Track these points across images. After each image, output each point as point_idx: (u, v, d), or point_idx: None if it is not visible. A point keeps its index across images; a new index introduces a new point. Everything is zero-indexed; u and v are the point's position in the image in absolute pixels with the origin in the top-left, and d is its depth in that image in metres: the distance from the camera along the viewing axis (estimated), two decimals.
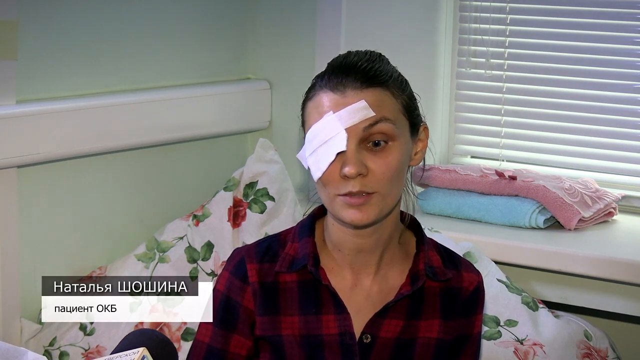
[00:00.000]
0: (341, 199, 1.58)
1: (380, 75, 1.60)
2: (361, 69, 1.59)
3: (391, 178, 1.58)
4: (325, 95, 1.59)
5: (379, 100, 1.58)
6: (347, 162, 1.55)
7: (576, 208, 2.36)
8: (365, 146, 1.58)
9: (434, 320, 1.68)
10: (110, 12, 2.42)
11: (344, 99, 1.57)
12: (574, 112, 2.61)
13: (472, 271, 1.73)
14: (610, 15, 2.53)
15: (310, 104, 1.62)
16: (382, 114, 1.57)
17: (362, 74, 1.59)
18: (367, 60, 1.61)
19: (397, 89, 1.61)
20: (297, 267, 1.66)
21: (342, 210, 1.58)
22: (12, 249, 2.24)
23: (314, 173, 1.59)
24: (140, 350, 1.42)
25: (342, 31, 2.63)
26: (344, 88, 1.58)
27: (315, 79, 1.64)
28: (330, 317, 1.65)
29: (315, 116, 1.59)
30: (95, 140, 2.35)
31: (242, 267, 1.68)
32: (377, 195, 1.58)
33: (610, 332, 2.32)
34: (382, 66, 1.62)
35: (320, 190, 1.61)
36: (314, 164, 1.59)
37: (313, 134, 1.58)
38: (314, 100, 1.61)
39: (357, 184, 1.56)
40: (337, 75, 1.59)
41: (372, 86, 1.58)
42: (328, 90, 1.59)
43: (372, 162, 1.57)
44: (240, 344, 1.68)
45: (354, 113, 1.56)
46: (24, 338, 2.27)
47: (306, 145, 1.61)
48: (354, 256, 1.66)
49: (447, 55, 2.77)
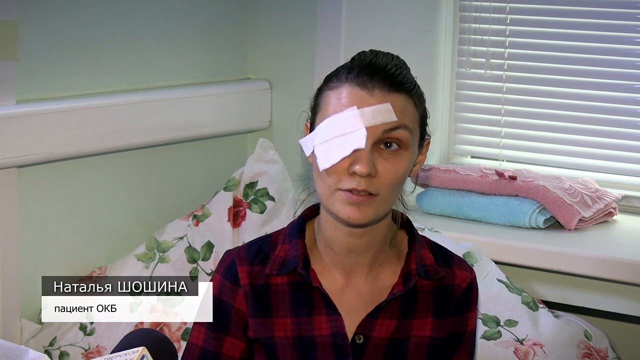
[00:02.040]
0: (341, 194, 1.57)
1: (407, 82, 1.61)
2: (390, 73, 1.59)
3: (395, 184, 1.59)
4: (353, 89, 1.58)
5: (402, 107, 1.59)
6: (360, 160, 1.55)
7: (576, 208, 2.36)
8: (378, 148, 1.57)
9: (427, 319, 1.68)
10: (111, 12, 2.42)
11: (370, 98, 1.57)
12: (574, 112, 2.61)
13: (464, 268, 1.73)
14: (610, 15, 2.53)
15: (331, 93, 1.60)
16: (404, 121, 1.58)
17: (390, 78, 1.59)
18: (396, 65, 1.61)
19: (417, 100, 1.63)
20: (287, 269, 1.66)
21: (340, 205, 1.58)
22: (12, 249, 2.24)
23: (321, 163, 1.58)
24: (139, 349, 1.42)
25: (342, 31, 2.63)
26: (372, 87, 1.58)
27: (341, 69, 1.62)
28: (322, 319, 1.65)
29: (336, 107, 1.58)
30: (95, 140, 2.35)
31: (233, 270, 1.68)
32: (379, 198, 1.58)
33: (610, 332, 2.32)
34: (408, 74, 1.63)
35: (319, 181, 1.60)
36: (323, 153, 1.57)
37: (330, 124, 1.57)
38: (337, 90, 1.60)
39: (364, 183, 1.56)
40: (367, 73, 1.59)
41: (398, 91, 1.59)
42: (355, 85, 1.58)
43: (381, 165, 1.57)
44: (233, 346, 1.68)
45: (378, 114, 1.56)
46: (24, 338, 2.27)
47: (318, 132, 1.59)
48: (346, 256, 1.66)
49: (447, 55, 2.77)
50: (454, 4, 2.74)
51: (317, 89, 1.65)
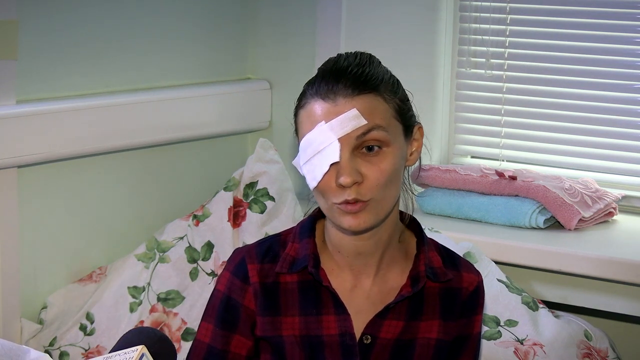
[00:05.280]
0: (338, 207, 1.57)
1: (371, 80, 1.58)
2: (351, 75, 1.57)
3: (385, 184, 1.57)
4: (317, 104, 1.57)
5: (370, 108, 1.56)
6: (342, 171, 1.54)
7: (576, 208, 2.36)
8: (359, 152, 1.56)
9: (434, 321, 1.68)
10: (111, 12, 2.42)
11: (335, 108, 1.56)
12: (574, 112, 2.61)
13: (472, 271, 1.73)
14: (610, 15, 2.53)
15: (302, 112, 1.61)
16: (374, 122, 1.56)
17: (352, 80, 1.57)
18: (357, 64, 1.59)
19: (388, 93, 1.60)
20: (297, 268, 1.66)
21: (340, 218, 1.58)
22: (12, 249, 2.24)
23: (310, 182, 1.58)
24: (139, 348, 1.41)
25: (342, 31, 2.63)
26: (334, 96, 1.56)
27: (306, 86, 1.62)
28: (331, 318, 1.65)
29: (307, 125, 1.58)
30: (95, 140, 2.35)
31: (243, 267, 1.68)
32: (372, 202, 1.57)
33: (610, 332, 2.32)
34: (372, 70, 1.59)
35: (318, 198, 1.61)
36: (309, 173, 1.58)
37: (306, 144, 1.57)
38: (305, 108, 1.60)
39: (353, 192, 1.55)
40: (328, 82, 1.57)
41: (363, 92, 1.57)
42: (319, 98, 1.57)
43: (366, 168, 1.56)
44: (240, 344, 1.68)
45: (345, 122, 1.55)
46: (24, 338, 2.27)
47: (300, 154, 1.60)
48: (354, 258, 1.66)
49: (447, 55, 2.77)
50: (454, 4, 2.74)
51: (294, 110, 1.64)
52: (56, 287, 2.35)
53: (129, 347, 1.44)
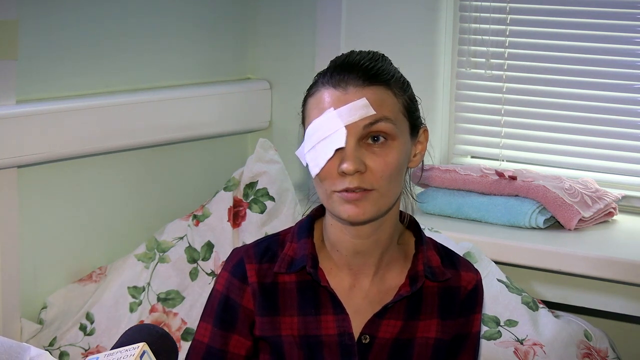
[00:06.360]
0: (338, 195, 1.57)
1: (382, 74, 1.60)
2: (363, 67, 1.59)
3: (390, 176, 1.58)
4: (327, 92, 1.59)
5: (380, 99, 1.58)
6: (346, 158, 1.55)
7: (576, 208, 2.36)
8: (365, 143, 1.57)
9: (432, 320, 1.68)
10: (110, 12, 2.42)
11: (345, 96, 1.57)
12: (574, 112, 2.61)
13: (470, 270, 1.73)
14: (610, 15, 2.53)
15: (311, 100, 1.62)
16: (383, 113, 1.57)
17: (364, 72, 1.59)
18: (370, 59, 1.61)
19: (398, 89, 1.61)
20: (296, 268, 1.66)
21: (339, 206, 1.58)
22: (12, 249, 2.24)
23: (312, 169, 1.59)
24: (140, 345, 1.41)
25: (342, 31, 2.63)
26: (345, 85, 1.58)
27: (317, 76, 1.64)
28: (329, 318, 1.65)
29: (315, 112, 1.59)
30: (95, 140, 2.35)
31: (241, 267, 1.68)
32: (375, 193, 1.57)
33: (610, 332, 2.32)
34: (384, 65, 1.62)
35: (318, 186, 1.61)
36: (312, 159, 1.58)
37: (313, 130, 1.58)
38: (315, 96, 1.61)
39: (355, 180, 1.56)
40: (340, 72, 1.59)
41: (373, 84, 1.58)
42: (330, 86, 1.59)
43: (371, 160, 1.57)
44: (239, 344, 1.68)
45: (354, 110, 1.56)
46: (24, 338, 2.27)
47: (305, 141, 1.60)
48: (352, 257, 1.66)
49: (447, 55, 2.77)
50: (454, 4, 2.74)
51: (303, 99, 1.65)
52: (56, 287, 2.35)
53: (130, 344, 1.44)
